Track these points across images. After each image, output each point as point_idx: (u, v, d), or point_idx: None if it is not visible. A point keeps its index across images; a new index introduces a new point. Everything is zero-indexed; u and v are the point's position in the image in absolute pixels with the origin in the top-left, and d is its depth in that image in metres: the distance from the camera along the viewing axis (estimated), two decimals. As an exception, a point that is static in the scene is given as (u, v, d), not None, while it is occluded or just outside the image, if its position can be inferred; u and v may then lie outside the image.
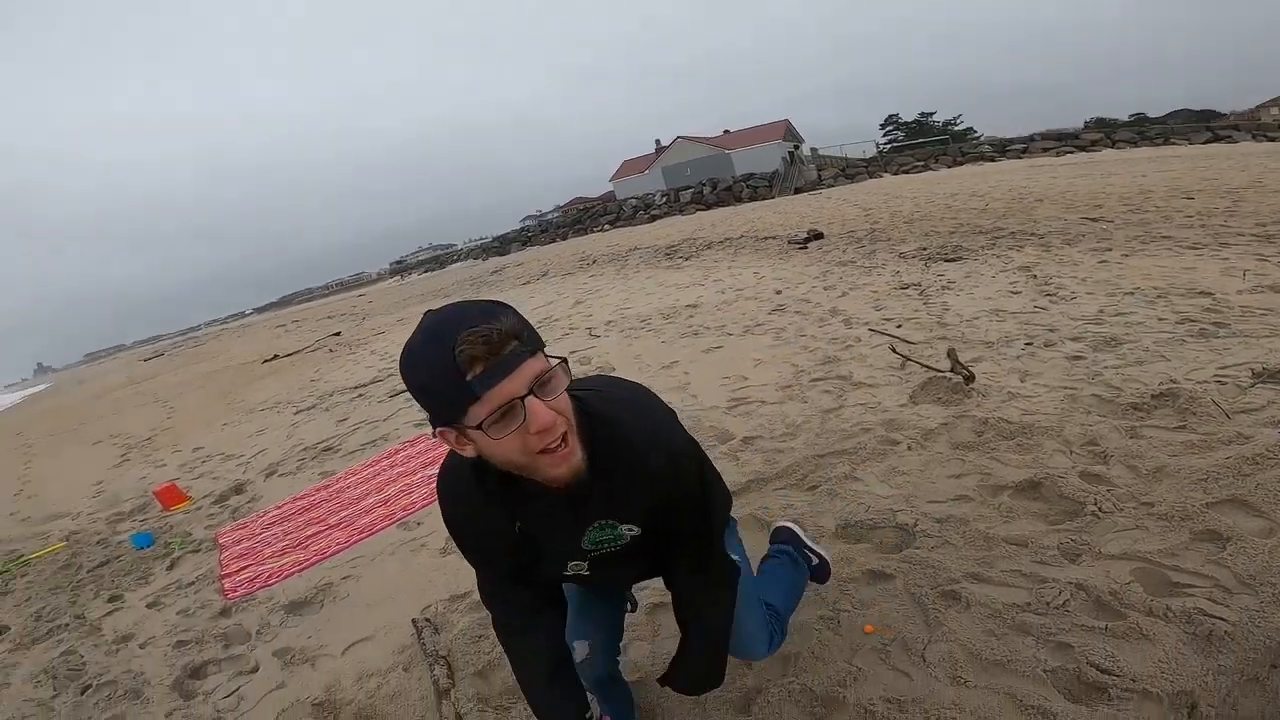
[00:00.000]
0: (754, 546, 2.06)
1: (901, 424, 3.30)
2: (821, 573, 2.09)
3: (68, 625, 3.18)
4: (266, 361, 12.69)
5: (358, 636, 2.58)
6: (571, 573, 1.19)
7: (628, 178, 47.19)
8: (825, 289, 6.76)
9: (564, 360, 0.89)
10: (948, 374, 3.62)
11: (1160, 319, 4.05)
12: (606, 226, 33.08)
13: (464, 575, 2.77)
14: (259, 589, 3.10)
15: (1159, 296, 4.51)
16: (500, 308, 0.87)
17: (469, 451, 0.92)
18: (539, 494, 0.99)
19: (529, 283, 15.21)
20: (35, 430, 11.96)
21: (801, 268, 8.40)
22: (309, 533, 3.60)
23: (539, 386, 0.85)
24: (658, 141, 48.68)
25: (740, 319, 6.18)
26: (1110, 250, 6.27)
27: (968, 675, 1.76)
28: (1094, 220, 8.25)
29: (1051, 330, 4.16)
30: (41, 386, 40.38)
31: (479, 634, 2.38)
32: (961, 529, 2.39)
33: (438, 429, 0.91)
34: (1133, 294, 4.62)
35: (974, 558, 2.23)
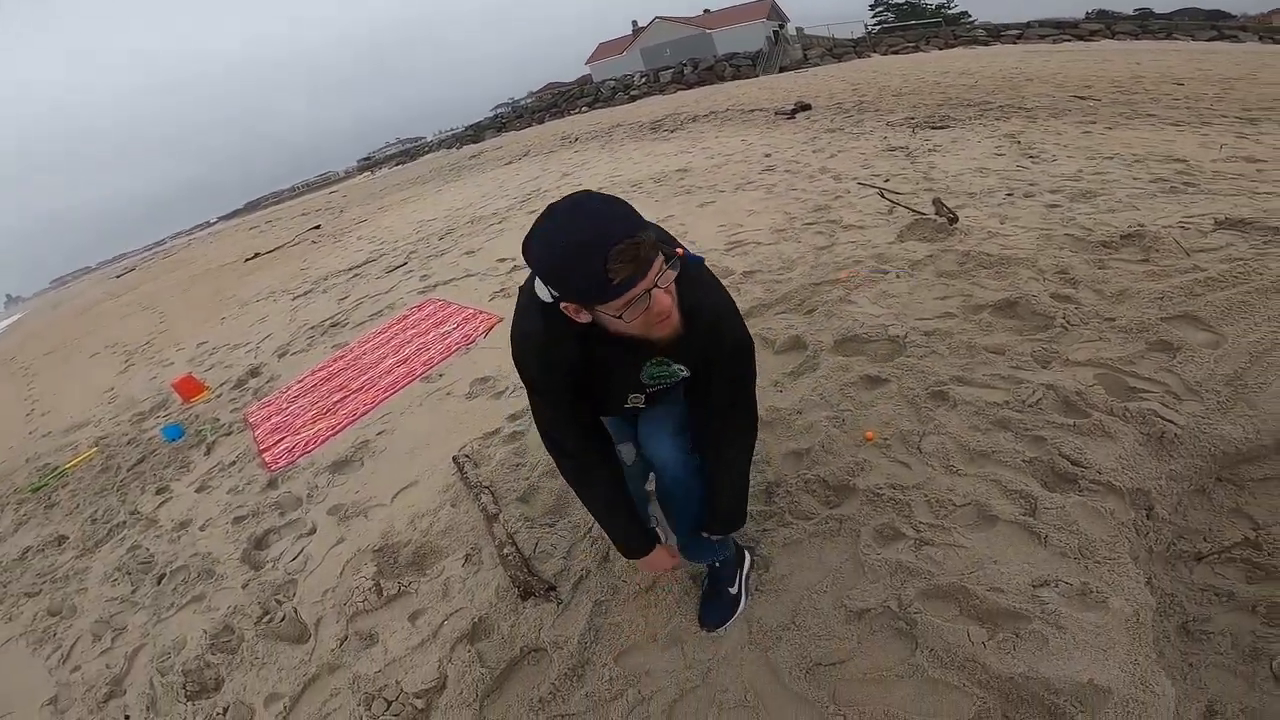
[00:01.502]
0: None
1: (890, 257, 3.47)
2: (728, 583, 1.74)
3: (125, 523, 3.15)
4: (249, 260, 12.15)
5: (404, 483, 2.68)
6: (630, 405, 1.35)
7: (604, 60, 44.14)
8: (814, 152, 6.72)
9: (676, 256, 1.05)
10: (933, 217, 3.79)
11: (1135, 178, 4.23)
12: (585, 109, 31.31)
13: (493, 414, 2.91)
14: (300, 457, 3.18)
15: (1136, 161, 4.67)
16: (626, 210, 1.01)
17: (584, 318, 1.08)
18: (610, 339, 1.13)
19: (511, 163, 14.56)
20: (28, 354, 11.55)
21: (790, 135, 8.27)
22: (335, 399, 3.70)
23: (660, 279, 1.02)
24: (635, 23, 45.50)
25: (731, 179, 6.17)
26: (1095, 123, 6.34)
27: (959, 464, 1.96)
28: (1082, 99, 8.22)
29: (1032, 184, 4.31)
30: (17, 316, 37.90)
31: (516, 462, 2.53)
32: (947, 340, 2.60)
33: (563, 303, 1.06)
34: (1111, 159, 4.77)
35: (958, 364, 2.44)
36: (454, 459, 2.66)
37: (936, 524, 1.77)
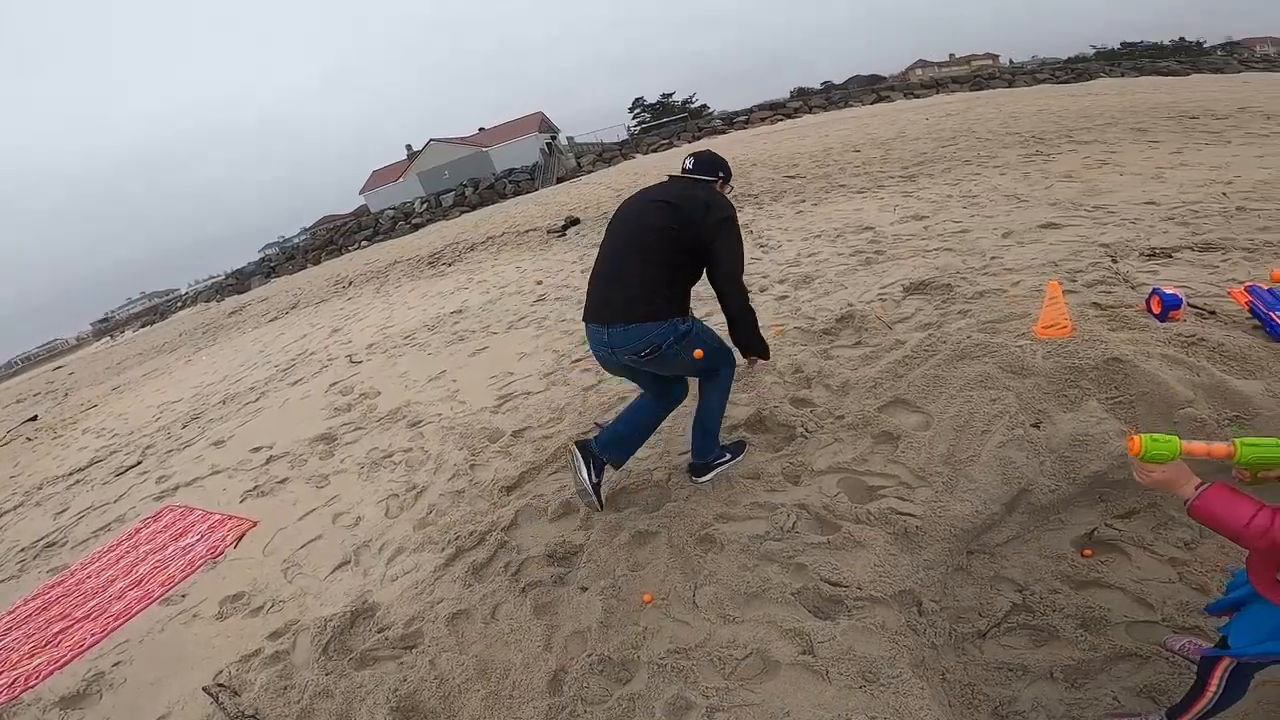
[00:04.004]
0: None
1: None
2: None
3: None
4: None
5: (153, 717, 2.25)
6: None
7: (380, 188, 43.42)
8: (583, 272, 6.92)
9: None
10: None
11: (839, 254, 4.85)
12: (364, 243, 30.05)
13: (250, 635, 2.54)
14: (21, 693, 2.67)
15: (838, 236, 5.40)
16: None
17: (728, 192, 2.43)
18: None
19: (277, 318, 13.28)
20: None
21: (561, 255, 8.53)
22: (55, 630, 3.12)
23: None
24: (409, 147, 45.50)
25: (505, 316, 6.06)
26: (804, 201, 7.38)
27: (734, 612, 1.92)
28: (792, 178, 9.65)
29: (764, 276, 4.74)
30: None
31: (283, 685, 2.15)
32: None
33: (726, 183, 2.42)
34: (819, 236, 5.47)
35: (721, 498, 2.44)
36: (206, 690, 2.27)
37: (724, 686, 1.71)
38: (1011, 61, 53.81)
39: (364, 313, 9.45)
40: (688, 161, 2.42)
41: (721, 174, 2.41)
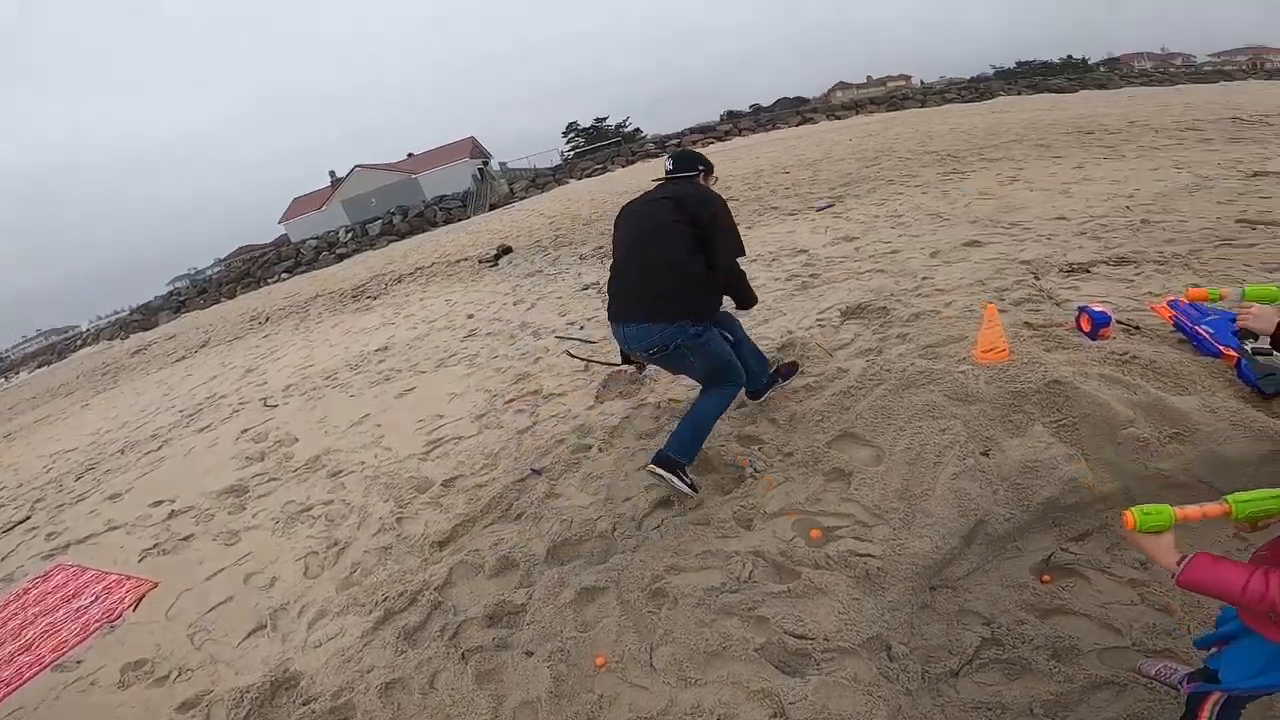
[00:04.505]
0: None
1: (591, 426, 3.29)
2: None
3: None
4: None
5: None
6: None
7: (301, 217, 41.44)
8: (515, 304, 6.67)
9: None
10: (623, 367, 3.74)
11: (776, 279, 4.82)
12: (284, 275, 28.48)
13: (157, 706, 2.34)
14: None
15: (773, 259, 5.39)
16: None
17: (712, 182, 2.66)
18: None
19: (184, 358, 12.28)
20: None
21: (492, 286, 8.23)
22: None
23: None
24: (332, 174, 43.72)
25: (434, 353, 5.72)
26: (739, 224, 7.39)
27: (695, 673, 1.79)
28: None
29: (703, 305, 4.63)
30: None
31: None
32: (655, 522, 2.43)
33: (709, 174, 2.66)
34: (755, 260, 5.45)
35: (671, 548, 2.29)
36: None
37: (693, 759, 1.54)
38: (922, 82, 57.68)
39: (281, 351, 8.83)
40: (668, 163, 2.63)
41: (702, 167, 2.61)
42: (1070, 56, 57.17)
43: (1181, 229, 4.10)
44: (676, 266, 2.31)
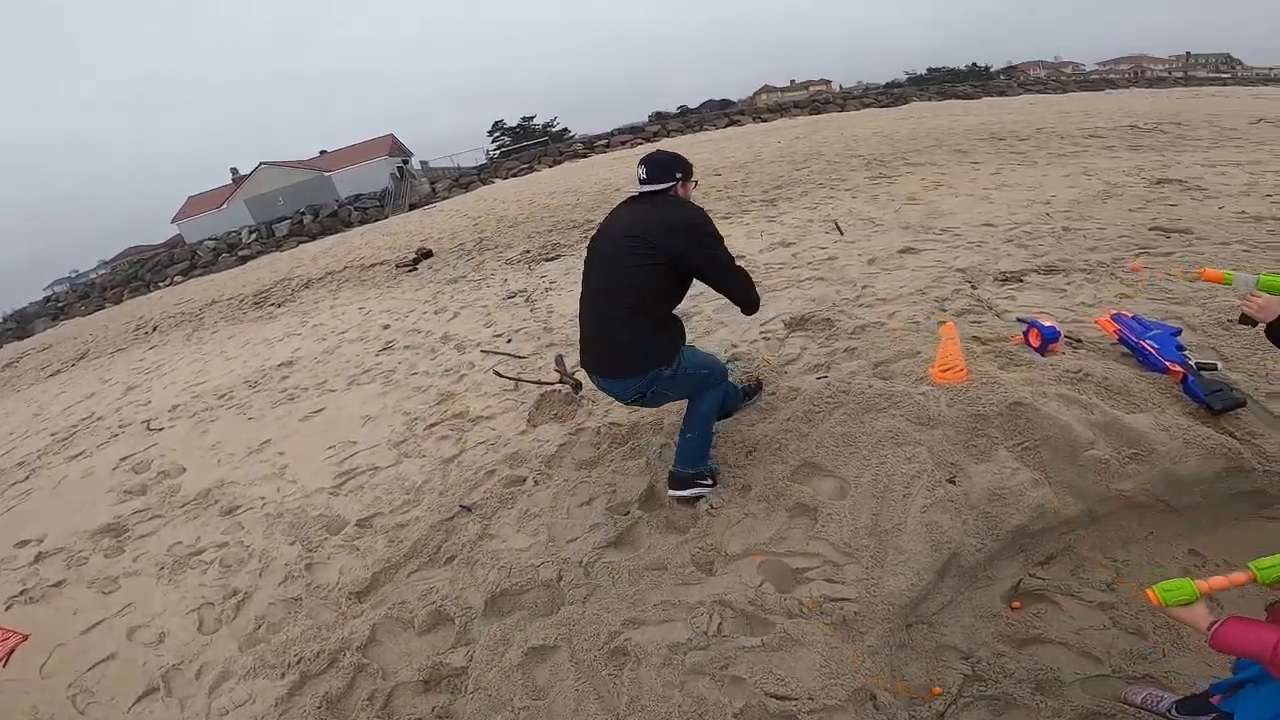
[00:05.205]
0: None
1: (524, 455, 2.97)
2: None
3: None
4: None
5: None
6: None
7: (198, 216, 38.07)
8: (436, 313, 6.18)
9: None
10: (557, 385, 3.43)
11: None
12: (178, 279, 26.02)
13: None
14: None
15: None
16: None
17: (691, 189, 2.31)
18: None
19: (59, 372, 10.84)
20: None
21: (412, 293, 7.65)
22: None
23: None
24: (234, 171, 40.34)
25: (344, 369, 5.18)
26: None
27: None
28: (659, 203, 9.54)
29: (641, 315, 4.38)
30: None
31: None
32: (606, 569, 2.16)
33: (687, 180, 2.25)
34: (694, 266, 5.25)
35: (627, 597, 2.04)
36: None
37: None
38: (841, 87, 60.15)
39: (170, 365, 7.89)
40: (641, 172, 2.22)
41: (679, 174, 2.22)
42: (975, 64, 61.35)
43: (1101, 236, 4.23)
44: (635, 327, 2.11)
